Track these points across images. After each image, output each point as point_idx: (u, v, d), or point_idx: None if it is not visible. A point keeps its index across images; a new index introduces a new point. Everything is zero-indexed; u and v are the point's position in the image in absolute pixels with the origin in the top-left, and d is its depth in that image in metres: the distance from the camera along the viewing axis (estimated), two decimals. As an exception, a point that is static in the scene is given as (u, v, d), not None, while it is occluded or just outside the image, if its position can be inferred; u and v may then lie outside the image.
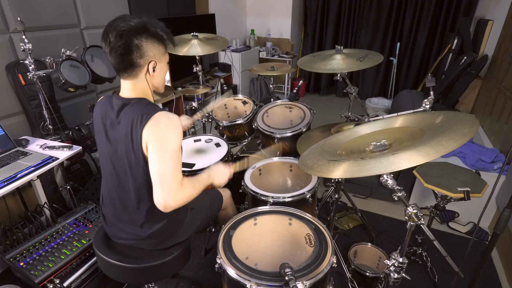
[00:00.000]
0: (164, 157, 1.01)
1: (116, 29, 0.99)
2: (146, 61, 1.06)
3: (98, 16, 2.43)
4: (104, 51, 1.05)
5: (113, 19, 1.03)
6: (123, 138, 1.08)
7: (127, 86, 1.11)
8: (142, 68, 1.07)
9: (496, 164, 2.17)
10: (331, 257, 1.08)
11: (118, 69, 1.07)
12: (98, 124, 1.16)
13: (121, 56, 1.02)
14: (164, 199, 1.01)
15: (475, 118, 0.88)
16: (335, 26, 4.85)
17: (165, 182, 1.01)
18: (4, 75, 1.91)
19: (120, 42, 1.00)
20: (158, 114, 1.04)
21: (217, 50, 2.12)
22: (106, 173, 1.19)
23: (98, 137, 1.18)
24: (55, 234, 1.62)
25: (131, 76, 1.08)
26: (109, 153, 1.14)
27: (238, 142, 2.20)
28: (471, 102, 3.46)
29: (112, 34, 1.00)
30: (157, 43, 1.07)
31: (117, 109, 1.09)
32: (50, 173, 2.06)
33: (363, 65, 1.54)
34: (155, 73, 1.11)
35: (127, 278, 1.26)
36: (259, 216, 1.33)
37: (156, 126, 1.02)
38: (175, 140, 1.04)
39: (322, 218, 2.34)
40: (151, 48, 1.05)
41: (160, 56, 1.10)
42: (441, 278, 1.83)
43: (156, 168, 1.02)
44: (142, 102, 1.09)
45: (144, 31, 1.02)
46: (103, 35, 1.02)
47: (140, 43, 1.02)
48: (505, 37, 2.91)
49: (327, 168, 0.96)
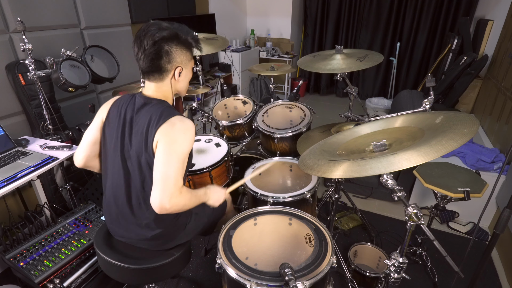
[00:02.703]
0: (170, 159, 1.03)
1: (151, 37, 1.03)
2: (174, 66, 1.10)
3: (98, 16, 2.43)
4: (136, 56, 1.08)
5: (146, 25, 1.07)
6: (138, 135, 1.10)
7: (151, 87, 1.14)
8: (169, 73, 1.11)
9: (496, 164, 2.17)
10: (331, 257, 1.08)
11: (146, 72, 1.11)
12: (114, 118, 1.16)
13: (151, 61, 1.06)
14: (161, 200, 1.00)
15: (475, 118, 0.88)
16: (335, 26, 4.85)
17: (166, 183, 1.01)
18: (4, 75, 1.91)
19: (153, 49, 1.04)
20: (175, 117, 1.07)
21: (217, 50, 2.12)
22: (113, 169, 1.18)
23: (109, 133, 1.17)
24: (55, 234, 1.62)
25: (157, 79, 1.12)
26: (121, 149, 1.14)
27: (238, 142, 2.20)
28: (471, 102, 3.46)
29: (147, 41, 1.04)
30: (185, 50, 1.12)
31: (138, 106, 1.13)
32: (50, 173, 2.06)
33: (363, 65, 1.54)
34: (180, 78, 1.15)
35: (128, 278, 1.26)
36: (259, 216, 1.33)
37: (170, 128, 1.05)
38: (185, 145, 1.06)
39: (322, 218, 2.34)
40: (179, 55, 1.10)
41: (186, 62, 1.14)
42: (441, 278, 1.83)
43: (160, 168, 1.03)
44: (162, 104, 1.12)
45: (175, 38, 1.07)
46: (136, 40, 1.06)
47: (170, 49, 1.07)
48: (505, 37, 2.91)
49: (327, 168, 0.96)
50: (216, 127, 2.26)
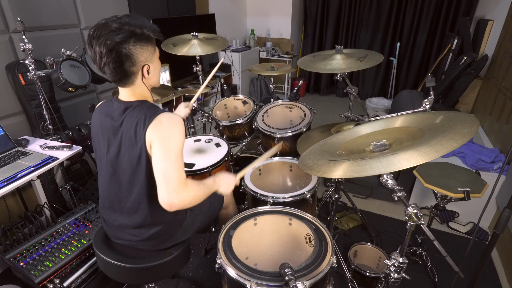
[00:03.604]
0: (167, 156, 1.01)
1: (104, 44, 0.95)
2: (139, 67, 1.04)
3: (98, 16, 2.41)
4: (95, 66, 1.03)
5: (93, 28, 0.97)
6: (126, 140, 1.08)
7: (126, 92, 1.10)
8: (137, 75, 1.06)
9: (496, 164, 2.17)
10: (331, 257, 1.08)
11: (114, 81, 1.06)
12: (97, 128, 1.16)
13: (114, 69, 1.00)
14: (169, 198, 1.00)
15: (475, 118, 0.88)
16: (335, 26, 4.85)
17: (169, 180, 1.00)
18: (4, 75, 1.91)
19: (111, 57, 0.97)
20: (161, 115, 1.04)
21: (217, 50, 2.12)
22: (105, 177, 1.18)
23: (97, 141, 1.17)
24: (55, 234, 1.62)
25: (128, 84, 1.07)
26: (110, 157, 1.13)
27: (238, 142, 2.20)
28: (471, 102, 3.46)
29: (102, 50, 0.96)
30: (145, 45, 1.03)
31: (120, 112, 1.09)
32: (50, 173, 2.06)
33: (363, 65, 1.54)
34: (150, 74, 1.10)
35: (127, 278, 1.26)
36: (259, 216, 1.33)
37: (159, 126, 1.03)
38: (178, 139, 1.04)
39: (322, 218, 2.34)
40: (141, 53, 1.02)
41: (151, 56, 1.07)
42: (441, 278, 1.83)
43: (160, 167, 1.01)
44: (144, 105, 1.09)
45: (131, 37, 0.98)
46: (90, 49, 0.99)
47: (129, 52, 0.99)
48: (505, 37, 2.91)
49: (327, 168, 0.96)
50: (216, 127, 2.26)
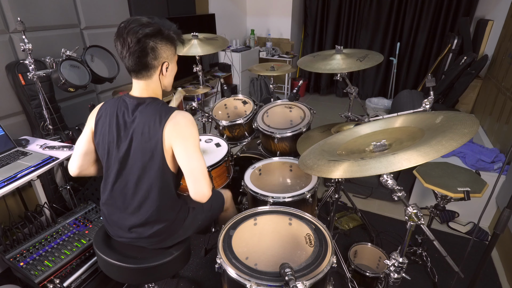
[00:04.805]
0: (195, 154, 1.10)
1: (134, 34, 1.02)
2: (160, 62, 1.10)
3: (98, 16, 2.43)
4: (120, 54, 1.07)
5: (126, 22, 1.04)
6: (138, 136, 1.10)
7: (140, 86, 1.14)
8: (156, 69, 1.11)
9: (496, 164, 2.17)
10: (331, 257, 1.08)
11: (133, 70, 1.10)
12: (105, 124, 1.15)
13: (137, 58, 1.05)
14: (202, 191, 1.11)
15: (475, 118, 0.88)
16: (335, 26, 4.85)
17: (199, 175, 1.10)
18: (4, 75, 1.91)
19: (138, 46, 1.03)
20: (175, 113, 1.10)
21: (217, 50, 2.12)
22: (111, 174, 1.18)
23: (103, 139, 1.17)
24: (55, 234, 1.62)
25: (145, 77, 1.11)
26: (119, 153, 1.13)
27: (238, 142, 2.20)
28: (471, 102, 3.46)
29: (131, 39, 1.02)
30: (169, 45, 1.11)
31: (132, 108, 1.12)
32: (50, 173, 2.06)
33: (363, 65, 1.54)
34: (167, 73, 1.15)
35: (127, 278, 1.26)
36: (259, 216, 1.33)
37: (178, 127, 1.09)
38: (196, 136, 1.13)
39: (322, 218, 2.34)
40: (165, 50, 1.09)
41: (171, 57, 1.14)
42: (441, 278, 1.83)
43: (193, 165, 1.09)
44: (157, 102, 1.13)
45: (159, 33, 1.06)
46: (119, 39, 1.04)
47: (155, 45, 1.06)
48: (505, 37, 2.91)
49: (327, 168, 0.96)
50: (216, 127, 2.26)
